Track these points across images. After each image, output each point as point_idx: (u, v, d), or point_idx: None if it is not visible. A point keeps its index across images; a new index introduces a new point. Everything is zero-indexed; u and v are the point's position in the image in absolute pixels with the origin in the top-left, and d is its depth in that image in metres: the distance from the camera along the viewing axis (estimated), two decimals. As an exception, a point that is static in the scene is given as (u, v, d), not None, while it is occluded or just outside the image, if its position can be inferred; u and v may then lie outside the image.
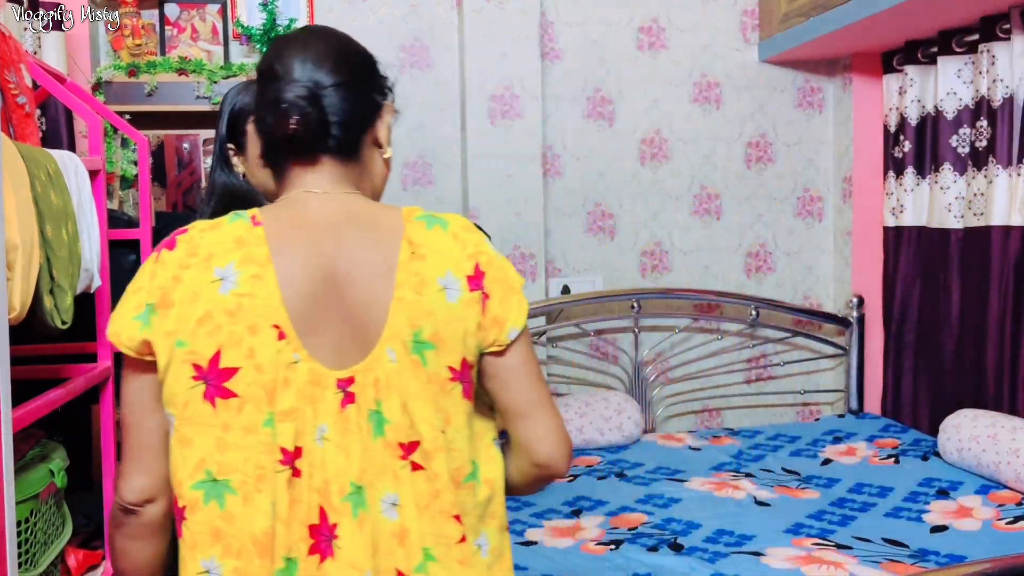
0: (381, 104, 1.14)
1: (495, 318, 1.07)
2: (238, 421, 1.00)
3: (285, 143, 1.08)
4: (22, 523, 1.66)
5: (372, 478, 1.02)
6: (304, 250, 1.03)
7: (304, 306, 1.02)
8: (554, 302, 3.68)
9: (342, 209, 1.08)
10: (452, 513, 1.05)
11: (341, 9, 3.56)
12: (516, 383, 1.10)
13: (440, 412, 1.04)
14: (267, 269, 1.01)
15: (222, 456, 1.01)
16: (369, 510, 1.02)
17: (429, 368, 1.03)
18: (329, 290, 1.03)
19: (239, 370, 1.00)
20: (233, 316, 1.00)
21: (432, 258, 1.05)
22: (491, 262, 1.09)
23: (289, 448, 1.00)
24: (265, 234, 1.03)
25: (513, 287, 1.10)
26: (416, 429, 1.03)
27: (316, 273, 1.03)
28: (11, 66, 1.84)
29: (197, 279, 1.01)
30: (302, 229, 1.05)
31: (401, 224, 1.07)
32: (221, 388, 1.00)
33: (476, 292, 1.05)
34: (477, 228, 1.15)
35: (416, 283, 1.03)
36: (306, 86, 1.06)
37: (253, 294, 1.00)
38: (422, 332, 1.03)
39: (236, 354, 1.00)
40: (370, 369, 1.02)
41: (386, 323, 1.02)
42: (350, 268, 1.04)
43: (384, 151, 1.16)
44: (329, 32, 1.14)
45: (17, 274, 1.49)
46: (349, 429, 1.02)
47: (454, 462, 1.06)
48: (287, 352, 1.00)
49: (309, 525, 1.01)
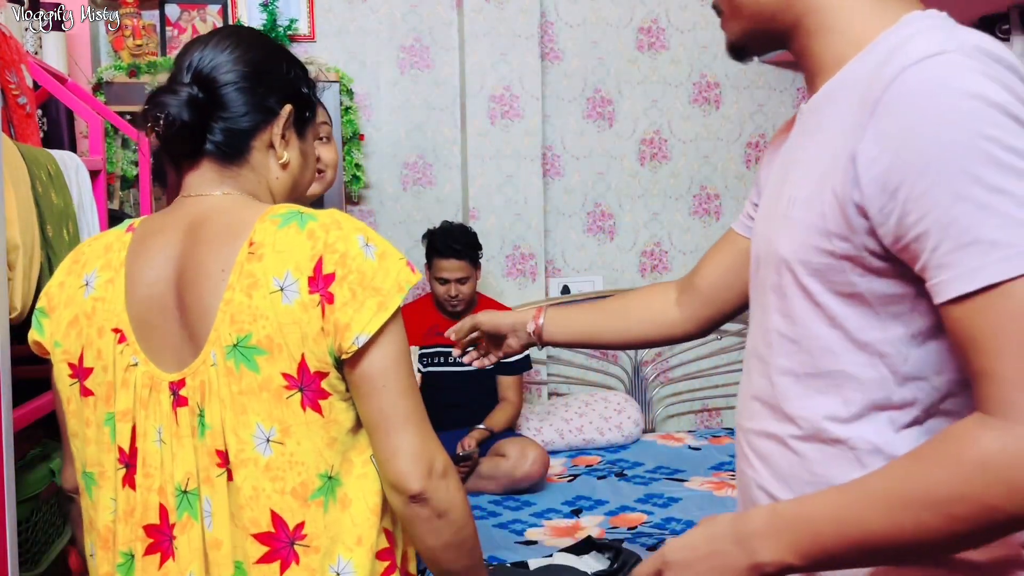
0: (275, 109, 1.08)
1: (337, 323, 0.96)
2: (94, 418, 1.05)
3: (163, 145, 1.07)
4: (23, 523, 1.66)
5: (197, 484, 1.00)
6: (156, 255, 1.04)
7: (145, 310, 1.03)
8: (554, 302, 3.68)
9: (204, 210, 1.05)
10: (252, 531, 0.98)
11: (341, 9, 3.57)
12: (374, 395, 0.99)
13: (273, 421, 0.97)
14: (119, 274, 1.05)
15: (86, 450, 1.06)
16: (196, 516, 1.01)
17: (262, 374, 0.96)
18: (171, 293, 1.02)
19: (93, 370, 1.05)
20: (90, 319, 1.05)
21: (271, 258, 0.97)
22: (345, 261, 0.97)
23: (125, 448, 1.03)
24: (131, 240, 1.07)
25: (376, 289, 0.97)
26: (225, 438, 0.98)
27: (162, 276, 1.03)
28: (12, 66, 1.84)
29: (72, 284, 1.08)
30: (160, 234, 1.05)
31: (251, 224, 1.00)
32: (84, 386, 1.06)
33: (315, 294, 0.96)
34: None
35: (248, 285, 0.97)
36: (184, 88, 1.04)
37: (104, 298, 1.04)
38: (250, 336, 0.96)
39: (91, 355, 1.05)
40: (196, 373, 0.99)
41: (212, 326, 0.98)
42: (191, 270, 1.01)
43: (279, 155, 1.10)
44: (235, 32, 1.10)
45: (18, 274, 1.49)
46: (180, 433, 1.00)
47: (297, 476, 0.98)
48: (127, 355, 1.03)
49: (145, 525, 1.02)
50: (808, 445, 0.91)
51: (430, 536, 1.01)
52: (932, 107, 0.75)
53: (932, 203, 0.75)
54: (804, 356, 0.90)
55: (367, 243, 0.99)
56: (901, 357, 0.85)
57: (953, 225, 0.74)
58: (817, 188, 0.85)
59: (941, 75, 0.75)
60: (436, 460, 1.00)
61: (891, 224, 0.78)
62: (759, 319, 0.98)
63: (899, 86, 0.77)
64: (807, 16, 0.91)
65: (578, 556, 2.36)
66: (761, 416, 0.97)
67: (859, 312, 0.85)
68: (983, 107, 0.74)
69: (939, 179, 0.74)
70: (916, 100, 0.76)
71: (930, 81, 0.76)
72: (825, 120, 0.88)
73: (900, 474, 0.77)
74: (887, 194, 0.78)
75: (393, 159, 3.65)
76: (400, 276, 0.99)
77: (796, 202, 0.88)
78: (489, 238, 3.59)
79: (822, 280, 0.86)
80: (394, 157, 3.65)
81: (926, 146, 0.75)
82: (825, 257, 0.84)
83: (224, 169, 1.07)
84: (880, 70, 0.80)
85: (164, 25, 3.35)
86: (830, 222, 0.83)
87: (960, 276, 0.74)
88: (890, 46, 0.82)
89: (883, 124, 0.78)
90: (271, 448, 0.98)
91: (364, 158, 3.56)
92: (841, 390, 0.88)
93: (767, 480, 0.96)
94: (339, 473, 1.00)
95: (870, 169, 0.78)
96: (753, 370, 0.99)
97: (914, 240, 0.77)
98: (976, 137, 0.73)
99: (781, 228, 0.91)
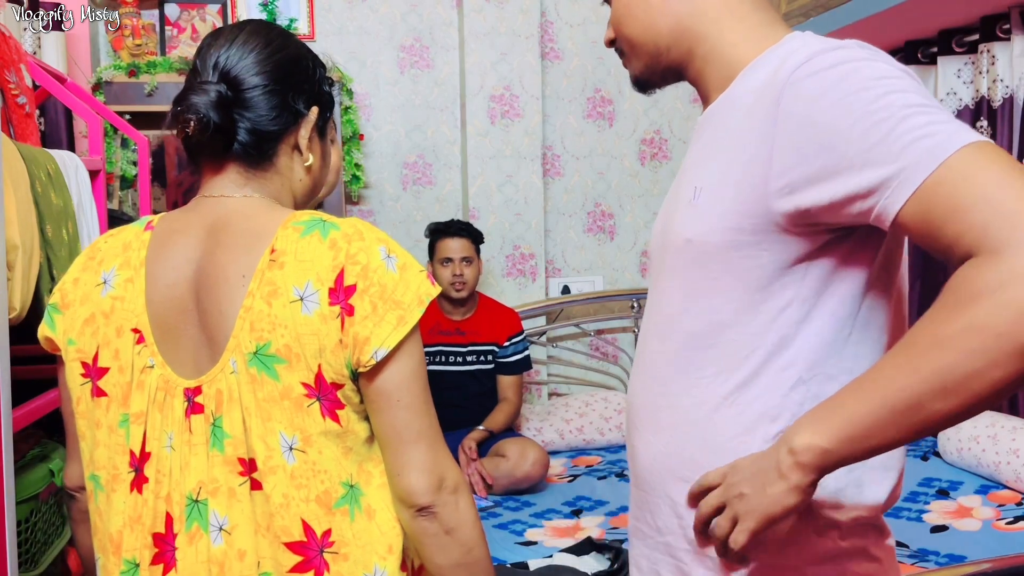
0: (302, 111, 1.07)
1: (356, 336, 0.94)
2: (106, 420, 1.03)
3: (188, 145, 1.05)
4: (22, 523, 1.66)
5: (208, 495, 0.98)
6: (177, 255, 1.02)
7: (165, 311, 1.01)
8: (554, 302, 3.68)
9: (226, 213, 1.03)
10: (284, 540, 0.97)
11: (341, 9, 3.56)
12: (388, 410, 0.97)
13: (295, 430, 0.96)
14: (139, 273, 1.03)
15: (95, 453, 1.04)
16: (204, 527, 0.98)
17: (282, 383, 0.95)
18: (191, 296, 1.01)
19: (109, 370, 1.03)
20: (108, 318, 1.03)
21: (292, 267, 0.96)
22: (367, 274, 0.95)
23: (136, 451, 1.01)
24: (150, 239, 1.05)
25: (396, 302, 0.95)
26: (251, 446, 0.96)
27: (182, 278, 1.01)
28: (11, 66, 1.84)
29: (88, 282, 1.05)
30: (181, 234, 1.03)
31: (273, 230, 0.99)
32: (97, 387, 1.03)
33: (335, 306, 0.94)
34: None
35: (268, 292, 0.95)
36: (215, 88, 1.01)
37: (123, 297, 1.02)
38: (269, 345, 0.95)
39: (107, 354, 1.03)
40: (214, 380, 0.98)
41: (231, 333, 0.97)
42: (211, 274, 0.99)
43: (305, 158, 1.08)
44: (261, 29, 1.07)
45: (17, 274, 1.49)
46: (192, 440, 0.99)
47: (320, 484, 0.97)
48: (144, 356, 1.01)
49: (154, 533, 1.00)
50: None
51: (438, 553, 0.99)
52: (826, 82, 0.87)
53: (846, 142, 0.84)
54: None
55: (389, 255, 0.97)
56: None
57: (873, 150, 0.83)
58: (721, 178, 0.96)
59: (830, 61, 0.88)
60: (448, 475, 0.98)
61: (810, 188, 0.88)
62: (655, 302, 1.07)
63: (797, 74, 0.89)
64: (698, 45, 1.04)
65: (578, 557, 2.36)
66: None
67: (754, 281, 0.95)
68: (865, 65, 0.87)
69: (850, 122, 0.84)
70: (812, 82, 0.88)
71: (820, 65, 0.88)
72: (723, 124, 0.99)
73: (913, 332, 0.81)
74: (803, 158, 0.87)
75: (393, 159, 3.65)
76: (421, 289, 0.97)
77: (702, 191, 0.98)
78: (489, 238, 3.59)
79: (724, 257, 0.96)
80: (394, 157, 3.65)
81: (830, 106, 0.86)
82: (731, 235, 0.94)
83: (249, 172, 1.05)
84: (775, 74, 0.92)
85: (164, 25, 3.35)
86: (739, 204, 0.93)
87: (902, 183, 0.81)
88: (781, 55, 0.95)
89: (790, 107, 0.89)
90: (294, 456, 0.96)
91: (364, 158, 3.56)
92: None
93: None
94: (358, 483, 0.99)
95: (784, 147, 0.89)
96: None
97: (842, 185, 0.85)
98: (866, 81, 0.85)
99: (686, 214, 1.01)
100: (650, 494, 1.05)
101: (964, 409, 0.78)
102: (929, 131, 0.81)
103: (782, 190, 0.89)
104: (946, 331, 0.77)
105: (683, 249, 0.99)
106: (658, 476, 1.03)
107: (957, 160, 0.79)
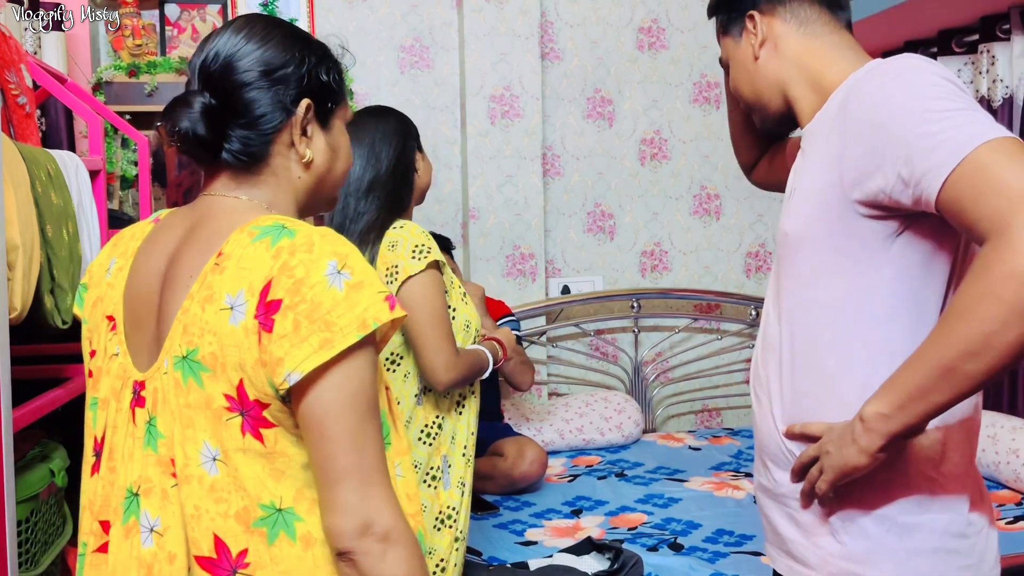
0: (292, 109, 1.02)
1: (272, 355, 0.88)
2: (90, 399, 1.07)
3: (180, 153, 1.03)
4: (22, 523, 1.66)
5: (143, 493, 0.96)
6: (158, 249, 1.03)
7: (135, 303, 1.03)
8: (554, 302, 3.68)
9: (208, 212, 1.01)
10: (195, 553, 0.92)
11: (341, 9, 3.56)
12: (312, 441, 0.90)
13: (217, 441, 0.92)
14: (128, 263, 1.06)
15: (87, 428, 1.07)
16: (138, 523, 0.96)
17: (206, 391, 0.91)
18: (157, 290, 1.00)
19: (96, 353, 1.07)
20: (101, 303, 1.07)
21: (232, 273, 0.91)
22: (299, 289, 0.88)
23: (98, 437, 1.03)
24: (149, 232, 1.08)
25: (327, 323, 0.87)
26: (174, 450, 0.94)
27: (154, 272, 1.02)
28: (11, 66, 1.84)
29: (102, 266, 1.10)
30: (170, 230, 1.04)
31: (229, 233, 0.95)
32: (88, 367, 1.09)
33: (255, 320, 0.89)
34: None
35: (205, 297, 0.92)
36: (199, 99, 0.99)
37: (113, 284, 1.06)
38: (197, 351, 0.91)
39: (96, 337, 1.07)
40: (153, 378, 0.96)
41: (168, 333, 0.95)
42: (172, 271, 0.99)
43: (301, 155, 1.04)
44: (244, 25, 1.03)
45: (18, 274, 1.49)
46: (136, 434, 0.97)
47: (240, 501, 0.91)
48: (113, 343, 1.03)
49: (100, 520, 1.00)
50: None
51: None
52: (883, 89, 1.06)
53: (899, 142, 1.01)
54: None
55: (340, 270, 0.89)
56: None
57: (917, 143, 1.00)
58: (811, 177, 1.15)
59: (886, 69, 1.08)
60: (378, 521, 0.89)
61: (875, 181, 1.05)
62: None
63: (860, 82, 1.11)
64: (789, 89, 1.26)
65: (578, 556, 2.36)
66: None
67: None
68: (919, 75, 1.05)
69: (899, 122, 1.02)
70: (870, 88, 1.08)
71: (878, 73, 1.09)
72: (812, 132, 1.20)
73: (947, 308, 1.00)
74: (865, 153, 1.05)
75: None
76: (369, 312, 0.89)
77: (795, 191, 1.20)
78: (489, 238, 3.59)
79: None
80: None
81: (884, 108, 1.05)
82: (818, 225, 1.13)
83: (240, 176, 1.02)
84: (848, 89, 1.13)
85: (164, 25, 3.35)
86: (824, 197, 1.12)
87: (935, 175, 0.97)
88: (857, 75, 1.14)
89: (854, 111, 1.08)
90: (217, 467, 0.92)
91: (364, 158, 3.56)
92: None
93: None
94: (292, 508, 0.92)
95: (851, 144, 1.08)
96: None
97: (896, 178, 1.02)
98: (915, 87, 1.03)
99: (783, 212, 1.23)
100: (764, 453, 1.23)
101: (993, 367, 0.93)
102: (958, 130, 0.97)
103: (854, 181, 1.06)
104: (965, 302, 0.94)
105: (782, 242, 1.20)
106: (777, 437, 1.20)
107: (976, 155, 0.95)
